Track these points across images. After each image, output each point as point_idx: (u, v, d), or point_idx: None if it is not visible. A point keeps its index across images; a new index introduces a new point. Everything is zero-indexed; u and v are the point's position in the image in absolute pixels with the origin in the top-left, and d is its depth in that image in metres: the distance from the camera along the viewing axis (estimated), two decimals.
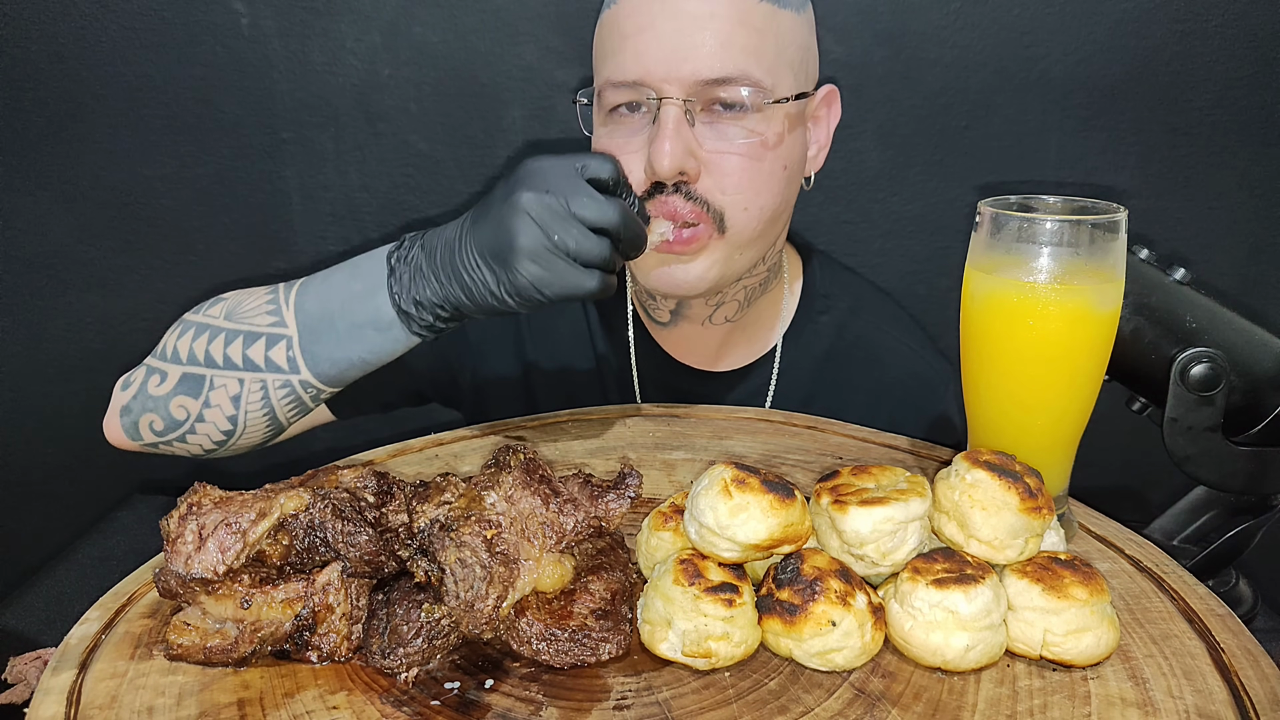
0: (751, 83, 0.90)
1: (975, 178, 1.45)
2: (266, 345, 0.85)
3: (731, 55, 0.90)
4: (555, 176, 0.77)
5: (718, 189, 0.92)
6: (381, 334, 0.83)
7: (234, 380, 0.86)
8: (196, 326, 0.89)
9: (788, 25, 0.94)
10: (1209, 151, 1.42)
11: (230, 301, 0.90)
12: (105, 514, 1.41)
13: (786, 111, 0.94)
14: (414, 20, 1.38)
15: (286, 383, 0.86)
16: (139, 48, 1.39)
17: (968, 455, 0.68)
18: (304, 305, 0.86)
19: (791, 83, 0.95)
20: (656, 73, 0.90)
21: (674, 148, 0.89)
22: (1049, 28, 1.37)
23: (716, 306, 1.06)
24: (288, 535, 0.64)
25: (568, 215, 0.76)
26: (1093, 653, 0.62)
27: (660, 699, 0.59)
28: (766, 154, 0.93)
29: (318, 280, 0.88)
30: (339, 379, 0.87)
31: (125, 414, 0.91)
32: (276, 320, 0.86)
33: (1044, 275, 0.71)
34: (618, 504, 0.67)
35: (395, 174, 1.46)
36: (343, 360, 0.85)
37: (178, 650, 0.61)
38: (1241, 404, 0.89)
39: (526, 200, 0.75)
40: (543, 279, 0.76)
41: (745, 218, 0.94)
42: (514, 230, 0.75)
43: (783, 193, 0.97)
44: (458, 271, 0.79)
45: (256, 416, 0.88)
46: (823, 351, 1.13)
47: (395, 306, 0.82)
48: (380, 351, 0.85)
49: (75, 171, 1.46)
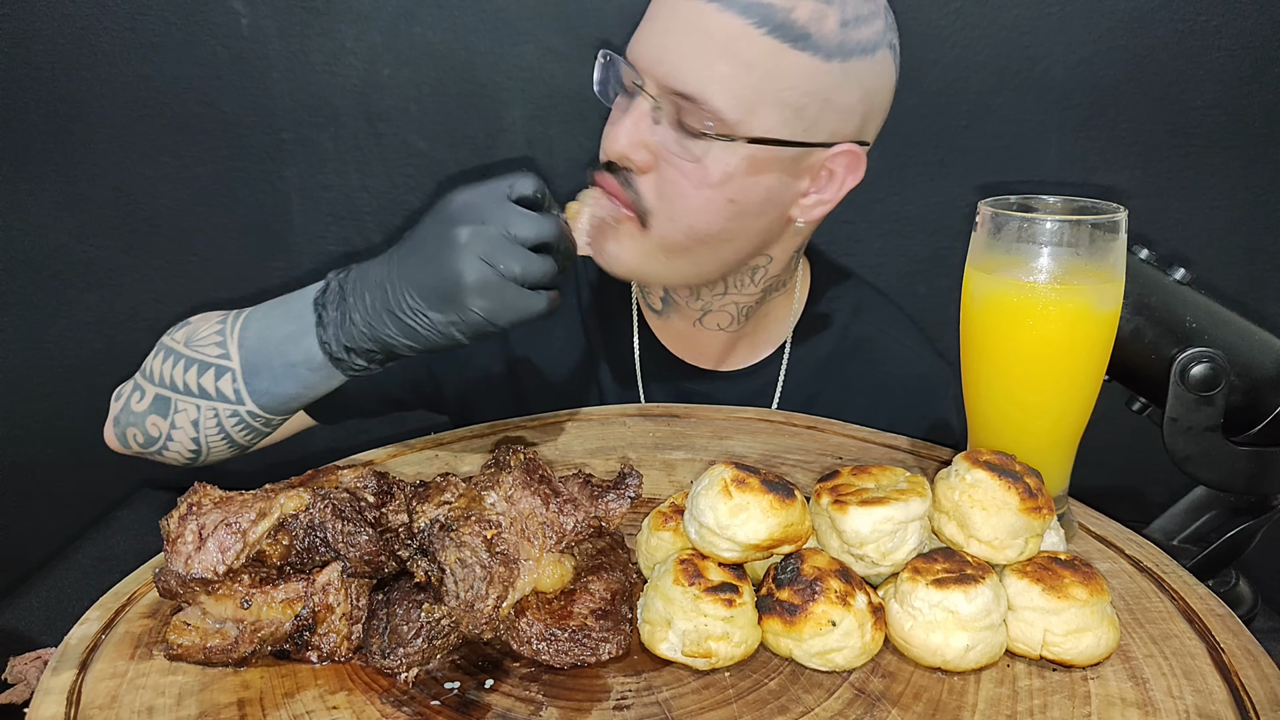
0: (709, 111, 0.87)
1: (975, 178, 1.45)
2: (215, 375, 0.87)
3: (701, 76, 0.87)
4: (486, 205, 0.76)
5: (655, 191, 0.92)
6: (315, 373, 0.84)
7: (192, 406, 0.88)
8: (165, 350, 0.91)
9: (797, 68, 0.87)
10: (1209, 151, 1.43)
11: (191, 326, 0.92)
12: (105, 514, 1.41)
13: (749, 152, 0.89)
14: (414, 20, 1.38)
15: (235, 412, 0.87)
16: (139, 48, 1.39)
17: (968, 455, 0.68)
18: (245, 340, 0.87)
19: (772, 125, 0.89)
20: (642, 62, 0.90)
21: (626, 135, 0.89)
22: (1049, 28, 1.37)
23: (704, 312, 1.05)
24: (288, 535, 0.64)
25: (509, 241, 0.75)
26: (1093, 653, 0.62)
27: (660, 699, 0.59)
28: (705, 183, 0.90)
29: (258, 314, 0.88)
30: (283, 409, 0.88)
31: (116, 424, 0.94)
32: (223, 352, 0.87)
33: (1044, 275, 0.71)
34: (618, 504, 0.67)
35: (395, 174, 1.46)
36: (281, 394, 0.86)
37: (178, 650, 0.61)
38: (1241, 404, 0.89)
39: (464, 235, 0.75)
40: (494, 311, 0.75)
41: (671, 227, 0.93)
42: (458, 268, 0.74)
43: (722, 224, 0.93)
44: (395, 316, 0.78)
45: (215, 440, 0.90)
46: (826, 353, 1.13)
47: (326, 352, 0.82)
48: (317, 387, 0.86)
49: (75, 171, 1.46)
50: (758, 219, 0.95)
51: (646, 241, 0.94)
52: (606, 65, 0.96)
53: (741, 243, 0.97)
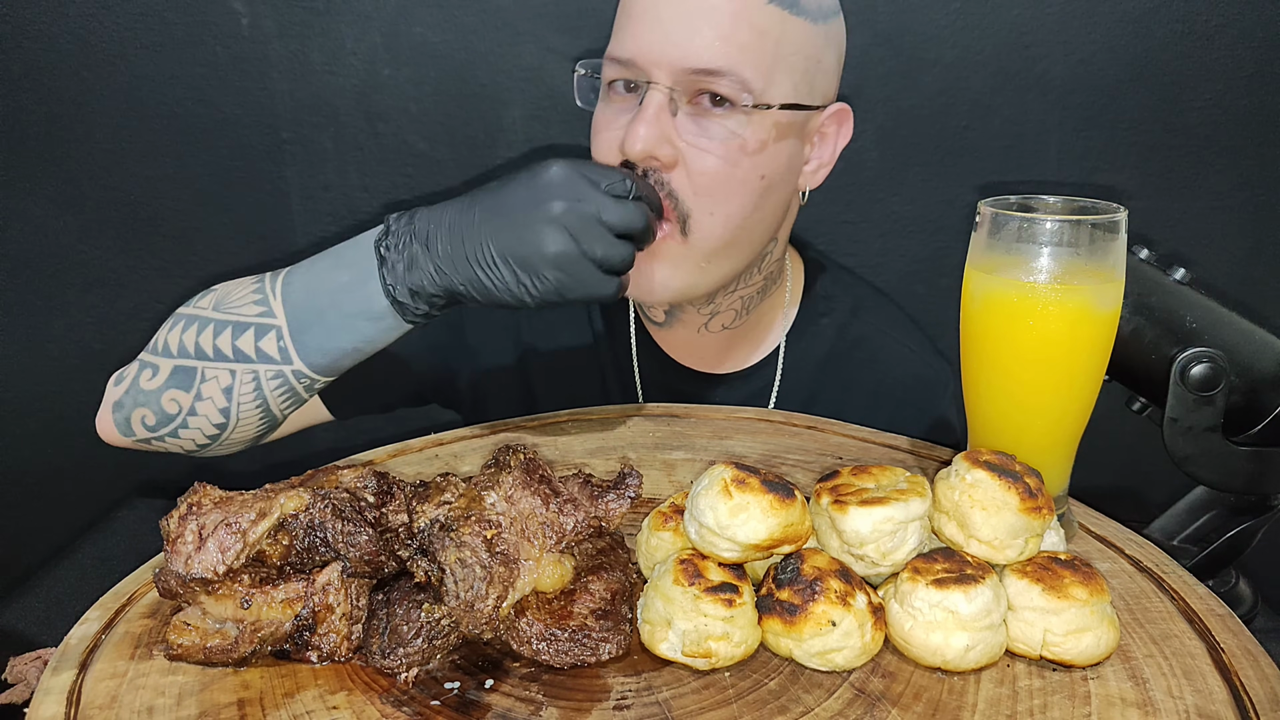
0: (738, 80, 0.89)
1: (975, 178, 1.45)
2: (256, 335, 0.85)
3: (723, 49, 0.88)
4: (584, 185, 0.79)
5: (689, 187, 0.91)
6: (374, 323, 0.83)
7: (225, 372, 0.85)
8: (186, 319, 0.88)
9: (797, 32, 0.92)
10: (1209, 151, 1.43)
11: (219, 292, 0.89)
12: (105, 514, 1.41)
13: (775, 119, 0.92)
14: (414, 20, 1.38)
15: (279, 373, 0.85)
16: (139, 48, 1.39)
17: (968, 455, 0.68)
18: (290, 295, 0.85)
19: (788, 91, 0.92)
20: (649, 56, 0.89)
21: (648, 132, 0.88)
22: (1049, 28, 1.37)
23: (712, 315, 1.05)
24: (288, 535, 0.64)
25: (598, 223, 0.78)
26: (1093, 653, 0.62)
27: (660, 699, 0.59)
28: (743, 158, 0.91)
29: (302, 269, 0.87)
30: (332, 368, 0.87)
31: (118, 409, 0.90)
32: (264, 310, 0.85)
33: (1044, 275, 0.71)
34: (618, 504, 0.67)
35: (395, 174, 1.46)
36: (334, 350, 0.85)
37: (178, 650, 0.61)
38: (1241, 404, 0.89)
39: (559, 210, 0.77)
40: (567, 285, 0.78)
41: (710, 223, 0.92)
42: (544, 238, 0.77)
43: (756, 202, 0.94)
44: (469, 266, 0.79)
45: (249, 408, 0.87)
46: (824, 353, 1.13)
47: (389, 297, 0.81)
48: (374, 340, 0.85)
49: (75, 171, 1.46)
50: (780, 193, 0.97)
51: (689, 252, 0.94)
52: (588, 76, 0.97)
53: (769, 223, 0.99)
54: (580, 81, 0.98)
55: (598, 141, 0.95)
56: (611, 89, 0.95)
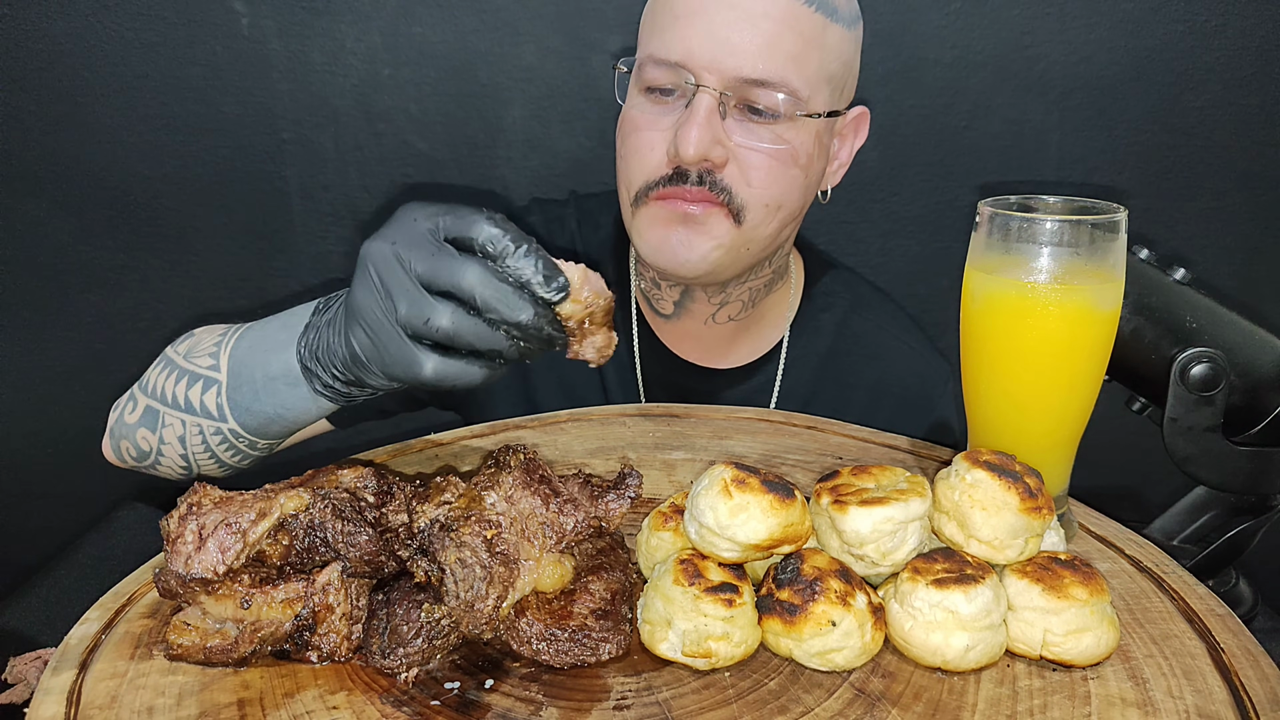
0: (789, 90, 0.90)
1: (975, 178, 1.45)
2: (202, 389, 0.83)
3: (775, 59, 0.89)
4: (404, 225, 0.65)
5: (744, 180, 0.93)
6: (291, 389, 0.78)
7: (178, 421, 0.84)
8: (165, 360, 0.88)
9: (836, 39, 0.93)
10: (1209, 151, 1.43)
11: (195, 337, 0.89)
12: (105, 514, 1.40)
13: (816, 124, 0.94)
14: (414, 20, 1.38)
15: (218, 429, 0.83)
16: (139, 48, 1.39)
17: (968, 455, 0.68)
18: (236, 351, 0.82)
19: (827, 98, 0.95)
20: (699, 59, 0.90)
21: (701, 135, 0.89)
22: (1049, 28, 1.37)
23: (720, 305, 1.06)
24: (288, 535, 0.64)
25: (406, 273, 0.64)
26: (1093, 653, 0.62)
27: (660, 699, 0.59)
28: (790, 158, 0.94)
29: (257, 326, 0.84)
30: (261, 431, 0.83)
31: (111, 436, 0.92)
32: (213, 364, 0.83)
33: (1044, 275, 0.71)
34: (618, 504, 0.67)
35: (395, 174, 1.46)
36: (259, 413, 0.81)
37: (178, 650, 0.61)
38: (1241, 404, 0.89)
39: (368, 248, 0.66)
40: (369, 350, 0.67)
41: (765, 214, 0.95)
42: (355, 281, 0.67)
43: (800, 200, 0.98)
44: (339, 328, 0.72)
45: (202, 457, 0.85)
46: (825, 349, 1.13)
47: (299, 360, 0.76)
48: (292, 407, 0.79)
49: (75, 171, 1.46)
50: (813, 190, 1.01)
51: (739, 237, 0.95)
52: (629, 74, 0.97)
53: (799, 217, 1.02)
54: (621, 79, 0.99)
55: (635, 140, 0.95)
56: (650, 91, 0.95)
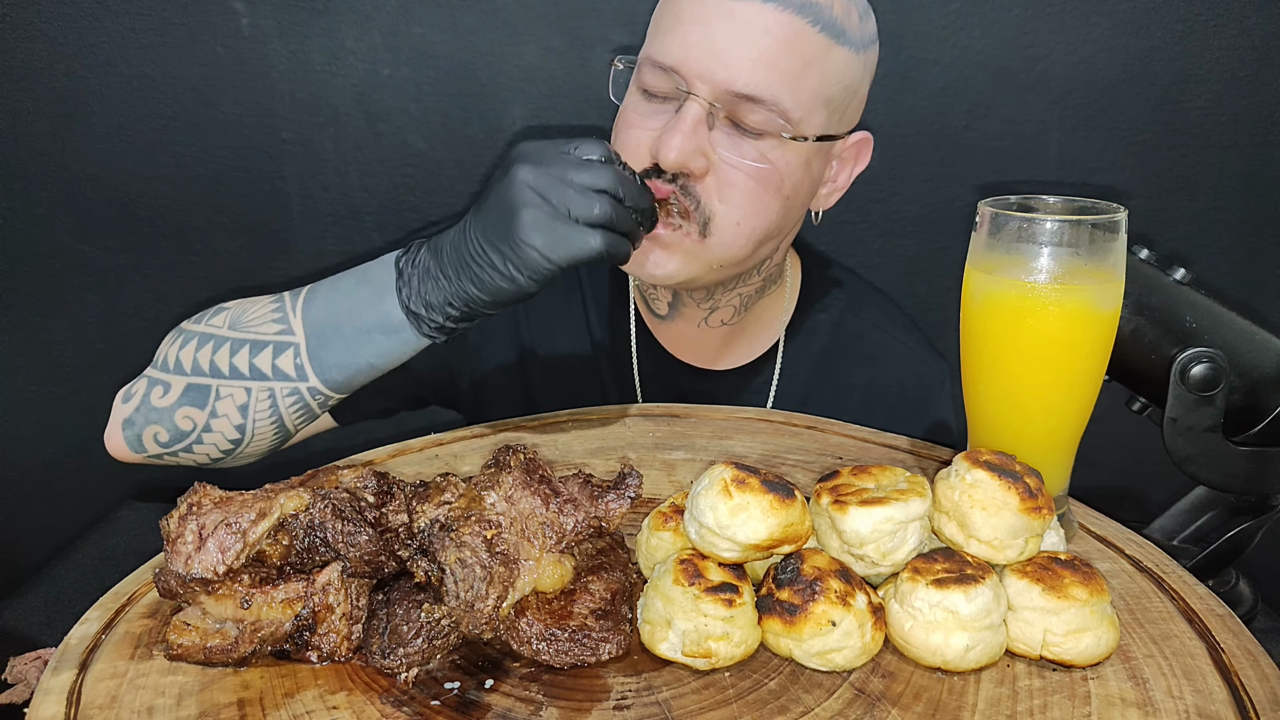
0: (779, 110, 0.89)
1: (975, 178, 1.45)
2: (274, 353, 0.85)
3: (769, 76, 0.88)
4: (548, 152, 0.79)
5: (717, 195, 0.91)
6: (390, 337, 0.84)
7: (241, 389, 0.86)
8: (200, 336, 0.88)
9: (840, 62, 0.92)
10: (1209, 151, 1.43)
11: (234, 310, 0.89)
12: (105, 514, 1.40)
13: (808, 149, 0.93)
14: (414, 20, 1.38)
15: (294, 390, 0.86)
16: (139, 48, 1.39)
17: (968, 455, 0.68)
18: (311, 312, 0.86)
19: (822, 122, 0.93)
20: (693, 67, 0.89)
21: (684, 143, 0.88)
22: (1049, 28, 1.37)
23: (711, 311, 1.06)
24: (288, 535, 0.64)
25: (564, 181, 0.77)
26: (1093, 653, 0.62)
27: (660, 699, 0.59)
28: (771, 179, 0.92)
29: (325, 286, 0.87)
30: (346, 385, 0.87)
31: (128, 426, 0.89)
32: (284, 328, 0.86)
33: (1044, 275, 0.71)
34: (618, 504, 0.67)
35: (395, 174, 1.46)
36: (350, 365, 0.85)
37: (178, 650, 0.61)
38: (1241, 404, 0.89)
39: (523, 174, 0.77)
40: (548, 244, 0.76)
41: (735, 233, 0.93)
42: (514, 205, 0.76)
43: (777, 220, 0.95)
44: (466, 265, 0.79)
45: (264, 425, 0.87)
46: (821, 348, 1.13)
47: (404, 309, 0.82)
48: (389, 355, 0.85)
49: (75, 171, 1.46)
50: (797, 211, 0.99)
51: (704, 252, 0.94)
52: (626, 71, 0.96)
53: (779, 237, 1.00)
54: (618, 76, 0.98)
55: (625, 136, 0.95)
56: (644, 88, 0.94)
